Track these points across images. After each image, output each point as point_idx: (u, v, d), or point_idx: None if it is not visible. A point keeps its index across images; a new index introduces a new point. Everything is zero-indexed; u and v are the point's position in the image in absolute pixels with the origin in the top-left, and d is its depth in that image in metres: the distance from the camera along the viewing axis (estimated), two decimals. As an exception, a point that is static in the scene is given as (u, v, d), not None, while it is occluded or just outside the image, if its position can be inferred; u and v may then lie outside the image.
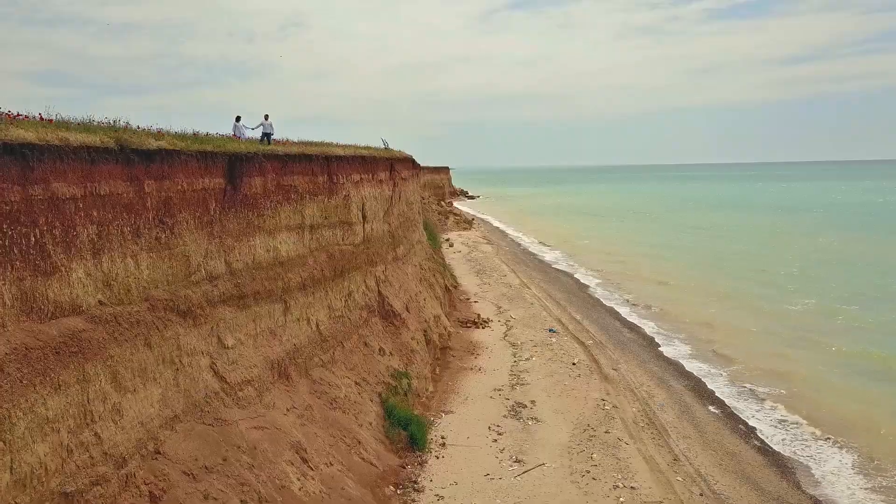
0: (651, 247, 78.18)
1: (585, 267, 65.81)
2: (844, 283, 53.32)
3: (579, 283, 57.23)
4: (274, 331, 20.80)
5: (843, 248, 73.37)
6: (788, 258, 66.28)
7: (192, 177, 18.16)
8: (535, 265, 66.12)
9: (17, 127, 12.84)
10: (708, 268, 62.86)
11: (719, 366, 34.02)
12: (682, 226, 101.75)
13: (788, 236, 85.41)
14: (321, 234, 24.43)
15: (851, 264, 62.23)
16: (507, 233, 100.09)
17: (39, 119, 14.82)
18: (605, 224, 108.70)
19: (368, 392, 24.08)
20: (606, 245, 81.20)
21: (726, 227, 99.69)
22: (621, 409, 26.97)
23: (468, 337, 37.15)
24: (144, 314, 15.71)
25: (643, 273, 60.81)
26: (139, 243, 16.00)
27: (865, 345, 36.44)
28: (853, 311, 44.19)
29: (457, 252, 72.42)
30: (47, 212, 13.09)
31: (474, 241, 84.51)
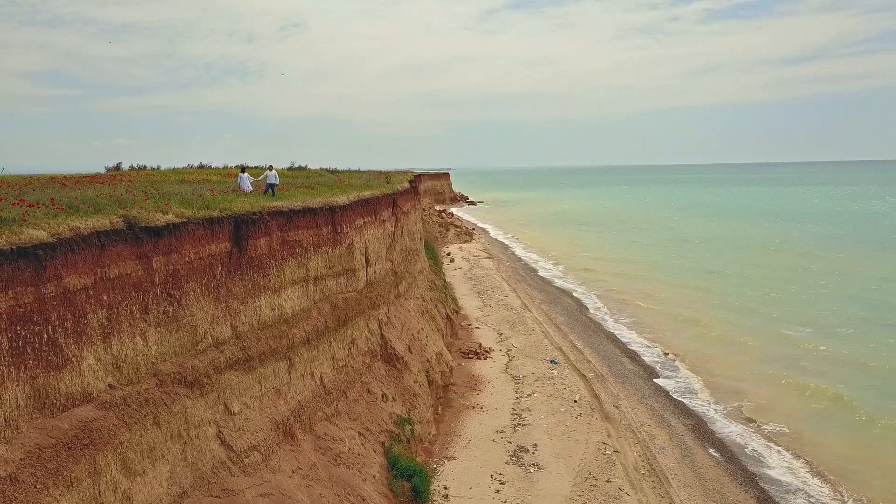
0: (646, 264, 78.37)
1: (585, 285, 66.08)
2: (845, 308, 53.50)
3: (580, 303, 57.45)
4: (279, 389, 21.02)
5: (836, 266, 73.54)
6: (785, 280, 66.45)
7: (198, 245, 18.36)
8: (536, 283, 66.30)
9: (30, 227, 13.04)
10: (704, 288, 62.97)
11: (720, 399, 34.27)
12: (679, 239, 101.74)
13: (790, 253, 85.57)
14: (325, 285, 24.64)
15: (850, 286, 62.41)
16: (508, 245, 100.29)
17: (51, 204, 15.06)
18: (604, 237, 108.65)
19: (372, 442, 24.30)
20: (604, 261, 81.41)
21: (724, 239, 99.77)
22: (623, 453, 27.18)
23: (470, 370, 37.35)
24: (153, 391, 15.93)
25: (641, 292, 61.04)
26: (147, 320, 16.22)
27: (871, 379, 36.57)
28: (854, 339, 44.25)
29: (458, 269, 72.64)
30: (59, 306, 13.30)
31: (475, 254, 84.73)
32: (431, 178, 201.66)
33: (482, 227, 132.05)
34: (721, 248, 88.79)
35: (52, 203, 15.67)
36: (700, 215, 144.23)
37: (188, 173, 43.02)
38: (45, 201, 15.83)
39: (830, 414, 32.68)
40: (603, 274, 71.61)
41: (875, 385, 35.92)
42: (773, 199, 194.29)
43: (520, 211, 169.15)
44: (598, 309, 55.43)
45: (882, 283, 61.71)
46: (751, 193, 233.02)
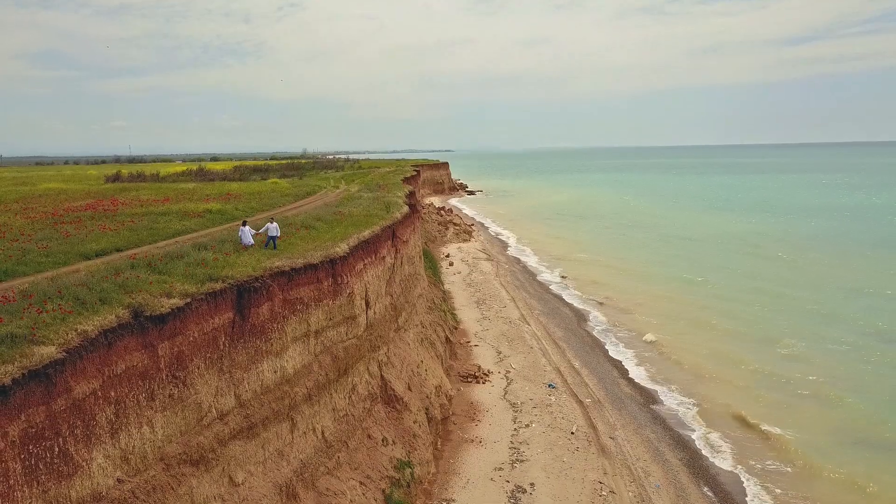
0: (642, 268, 78.76)
1: (582, 291, 66.56)
2: (845, 318, 53.99)
3: (577, 314, 57.92)
4: (281, 451, 21.48)
5: (828, 270, 73.98)
6: (778, 291, 66.88)
7: (202, 321, 18.70)
8: (534, 290, 66.71)
9: (39, 342, 13.36)
10: (699, 296, 63.43)
11: (718, 429, 34.77)
12: (674, 237, 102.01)
13: (783, 257, 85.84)
14: (325, 336, 25.01)
15: (841, 293, 62.90)
16: (507, 244, 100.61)
17: (59, 304, 15.33)
18: (600, 233, 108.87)
19: (373, 490, 24.83)
20: (601, 262, 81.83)
21: (720, 237, 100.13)
22: (618, 494, 27.75)
23: (469, 396, 37.87)
24: (160, 477, 16.37)
25: (636, 301, 61.55)
26: (153, 406, 16.62)
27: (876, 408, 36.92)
28: (860, 365, 44.55)
29: (456, 273, 73.04)
30: (69, 417, 13.68)
31: (474, 256, 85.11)
32: (431, 168, 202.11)
33: (481, 221, 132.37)
34: (719, 249, 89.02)
35: (58, 294, 15.93)
36: (697, 209, 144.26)
37: (188, 194, 43.22)
38: (52, 292, 16.05)
39: (824, 440, 33.28)
40: (600, 279, 72.01)
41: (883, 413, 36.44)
42: (770, 191, 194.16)
43: (518, 203, 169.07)
44: (596, 320, 55.89)
45: (872, 296, 62.13)
46: (750, 184, 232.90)
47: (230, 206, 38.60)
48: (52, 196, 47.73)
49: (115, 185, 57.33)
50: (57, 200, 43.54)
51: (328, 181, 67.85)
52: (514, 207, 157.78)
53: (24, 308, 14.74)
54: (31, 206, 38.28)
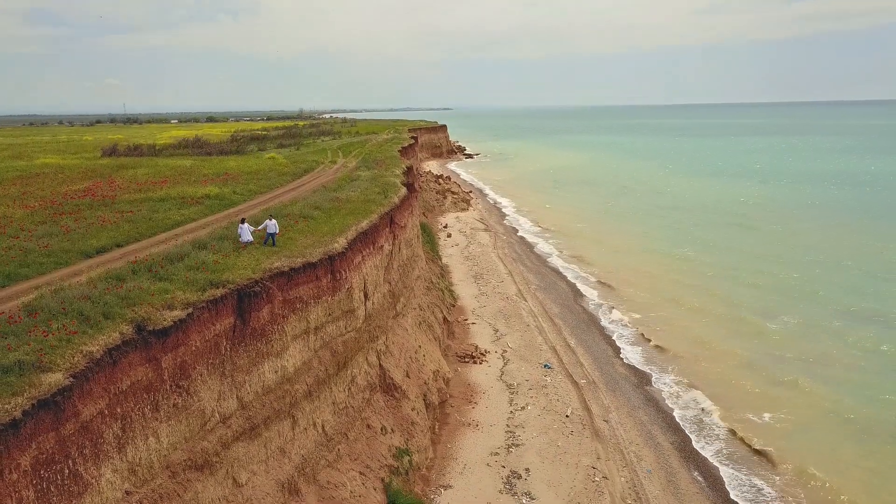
0: (640, 240, 79.15)
1: (579, 264, 67.08)
2: (835, 298, 54.58)
3: (574, 289, 58.48)
4: (283, 448, 22.10)
5: (825, 242, 74.38)
6: (779, 263, 67.36)
7: (204, 328, 19.08)
8: (531, 264, 67.16)
9: (46, 369, 13.73)
10: (693, 271, 63.91)
11: (709, 411, 35.56)
12: (673, 207, 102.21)
13: (786, 229, 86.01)
14: (324, 331, 25.44)
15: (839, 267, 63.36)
16: (505, 212, 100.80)
17: (64, 323, 15.65)
18: (597, 202, 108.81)
19: (372, 479, 25.58)
20: (598, 234, 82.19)
21: (715, 206, 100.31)
22: (611, 479, 28.59)
23: (466, 377, 38.58)
24: (166, 484, 16.95)
25: (633, 276, 62.10)
26: (158, 416, 17.12)
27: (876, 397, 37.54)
28: (852, 344, 45.24)
29: (455, 245, 73.40)
30: (78, 439, 14.14)
31: (472, 227, 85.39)
32: (428, 131, 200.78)
33: (479, 187, 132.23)
34: (714, 221, 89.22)
35: (63, 311, 16.26)
36: (693, 174, 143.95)
37: (186, 174, 43.09)
38: (56, 308, 16.35)
39: (811, 421, 34.11)
40: (596, 252, 72.45)
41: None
42: (766, 155, 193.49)
43: (517, 168, 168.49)
44: (591, 295, 56.48)
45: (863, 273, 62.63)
46: (747, 147, 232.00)
47: (228, 190, 38.65)
48: (49, 175, 47.70)
49: (111, 161, 57.17)
50: (55, 181, 43.54)
51: (325, 154, 67.60)
52: (512, 173, 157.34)
53: (30, 329, 15.07)
54: (29, 191, 38.31)
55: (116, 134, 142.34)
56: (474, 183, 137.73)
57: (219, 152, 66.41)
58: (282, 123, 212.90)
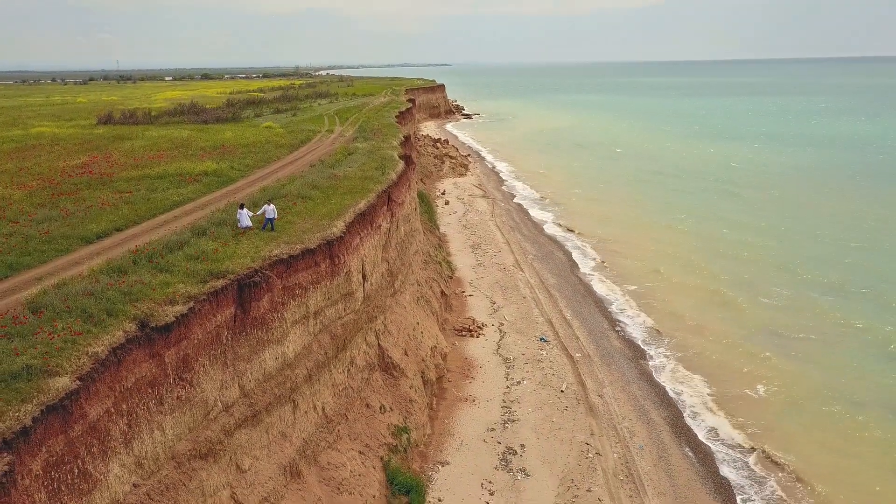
0: (636, 205, 79.28)
1: (576, 232, 67.38)
2: (824, 264, 55.03)
3: (570, 258, 58.89)
4: (285, 433, 22.68)
5: (822, 209, 74.58)
6: (780, 230, 67.63)
7: (206, 320, 19.44)
8: (528, 232, 67.43)
9: (53, 373, 14.09)
10: (688, 239, 64.23)
11: (700, 386, 36.28)
12: (671, 172, 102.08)
13: (788, 197, 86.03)
14: (324, 315, 25.83)
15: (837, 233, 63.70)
16: (502, 177, 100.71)
17: (68, 322, 15.96)
18: (594, 167, 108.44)
19: (371, 458, 26.29)
20: (595, 201, 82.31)
21: (711, 170, 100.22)
22: (604, 455, 29.37)
23: (463, 351, 39.20)
24: (172, 475, 17.52)
25: (630, 245, 62.52)
26: (163, 410, 17.59)
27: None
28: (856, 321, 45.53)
29: (452, 213, 73.54)
30: (86, 438, 14.60)
31: (470, 193, 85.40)
32: (426, 91, 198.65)
33: (477, 150, 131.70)
34: (711, 187, 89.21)
35: (67, 309, 16.57)
36: (690, 136, 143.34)
37: (183, 146, 42.91)
38: (60, 306, 16.65)
39: (800, 396, 34.85)
40: (593, 220, 72.70)
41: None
42: (763, 117, 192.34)
43: (515, 130, 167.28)
44: (588, 265, 56.90)
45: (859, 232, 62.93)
46: (747, 108, 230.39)
47: (225, 166, 38.66)
48: (45, 146, 47.55)
49: (107, 130, 56.85)
50: (52, 154, 43.44)
51: (321, 122, 67.22)
52: (510, 135, 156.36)
53: (36, 331, 15.40)
54: (26, 167, 38.27)
55: (111, 95, 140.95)
56: (472, 146, 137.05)
57: (215, 119, 65.97)
58: (278, 83, 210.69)
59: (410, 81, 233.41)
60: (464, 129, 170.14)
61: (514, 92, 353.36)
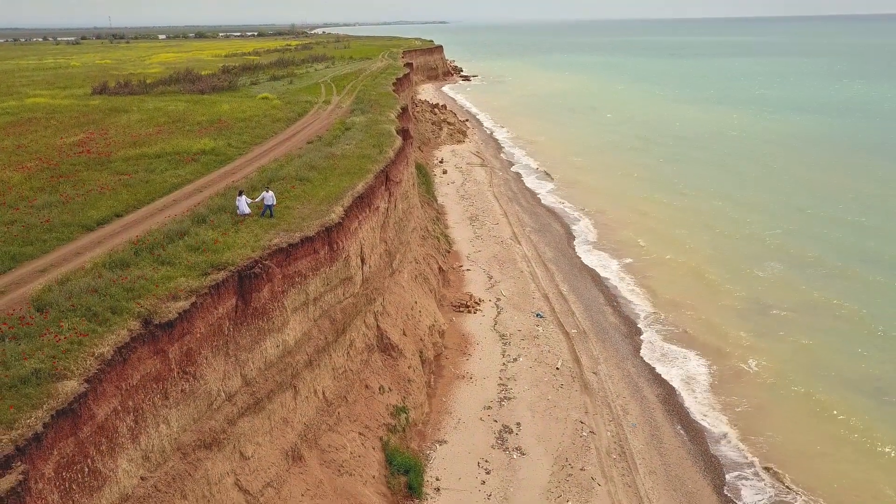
0: (634, 174, 79.25)
1: (573, 203, 67.60)
2: (824, 242, 55.40)
3: (567, 231, 59.21)
4: (286, 419, 23.24)
5: (820, 178, 74.66)
6: (779, 203, 67.79)
7: (208, 313, 19.80)
8: (526, 203, 67.58)
9: (62, 376, 14.47)
10: (685, 210, 64.47)
11: (694, 363, 36.93)
12: (670, 138, 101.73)
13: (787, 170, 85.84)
14: (323, 301, 26.21)
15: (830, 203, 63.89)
16: (501, 144, 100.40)
17: (74, 322, 16.28)
18: (592, 133, 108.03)
19: (371, 439, 26.96)
20: (593, 170, 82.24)
21: (708, 136, 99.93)
22: (598, 434, 30.11)
23: (460, 327, 39.76)
24: (178, 465, 18.08)
25: (626, 216, 62.81)
26: (168, 403, 18.07)
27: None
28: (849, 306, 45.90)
29: (450, 183, 73.53)
30: (95, 438, 15.07)
31: (468, 161, 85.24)
32: (424, 53, 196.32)
33: (475, 113, 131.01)
34: (709, 154, 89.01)
35: (72, 308, 16.90)
36: (692, 101, 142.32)
37: (179, 120, 42.73)
38: (65, 305, 16.96)
39: (793, 372, 35.55)
40: (591, 189, 72.84)
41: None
42: (770, 80, 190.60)
43: (513, 92, 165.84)
44: (585, 238, 57.20)
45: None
46: (749, 70, 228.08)
47: (223, 143, 38.65)
48: (42, 120, 47.35)
49: (103, 101, 56.43)
50: (48, 129, 43.31)
51: (318, 91, 66.76)
52: (508, 98, 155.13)
53: (43, 332, 15.74)
54: (23, 144, 38.21)
55: (104, 58, 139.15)
56: (470, 110, 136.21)
57: (211, 89, 65.43)
58: (273, 44, 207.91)
59: (408, 42, 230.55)
60: (462, 91, 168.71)
61: (511, 52, 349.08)
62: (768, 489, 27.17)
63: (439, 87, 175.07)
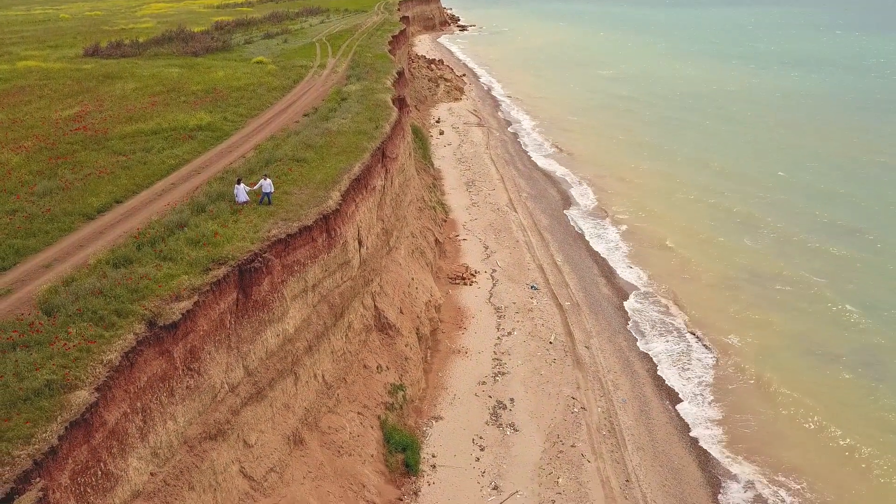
0: (632, 135, 79.06)
1: (570, 167, 67.77)
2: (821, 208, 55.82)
3: (564, 196, 59.57)
4: (287, 404, 24.06)
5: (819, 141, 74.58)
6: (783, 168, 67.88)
7: (210, 310, 20.38)
8: (523, 167, 67.68)
9: (73, 387, 15.09)
10: (682, 175, 64.61)
11: (684, 335, 37.84)
12: (671, 95, 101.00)
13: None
14: (322, 286, 26.76)
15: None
16: (498, 100, 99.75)
17: (81, 328, 16.82)
18: (591, 89, 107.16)
19: (369, 418, 27.91)
20: (590, 130, 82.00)
21: (709, 94, 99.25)
22: (589, 410, 31.15)
23: (456, 300, 40.50)
24: (185, 458, 18.92)
25: (623, 180, 63.15)
26: (174, 400, 18.81)
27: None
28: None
29: (447, 145, 73.38)
30: (107, 441, 15.81)
31: (465, 121, 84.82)
32: (420, 2, 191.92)
33: (472, 67, 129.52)
34: (708, 114, 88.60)
35: (78, 313, 17.43)
36: (691, 55, 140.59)
37: (174, 89, 42.38)
38: (72, 309, 17.49)
39: (781, 345, 36.56)
40: (587, 151, 72.86)
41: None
42: (775, 31, 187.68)
43: (511, 44, 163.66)
44: (581, 204, 57.60)
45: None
46: (754, 21, 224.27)
47: (219, 117, 38.58)
48: (35, 88, 46.97)
49: (96, 66, 55.73)
50: (42, 100, 43.06)
51: (313, 52, 65.95)
52: (506, 49, 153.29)
53: (52, 340, 16.29)
54: (18, 118, 38.10)
55: (94, 8, 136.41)
56: (467, 63, 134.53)
57: (204, 50, 64.56)
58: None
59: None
60: (458, 43, 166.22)
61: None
62: (747, 468, 28.30)
63: (436, 38, 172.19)
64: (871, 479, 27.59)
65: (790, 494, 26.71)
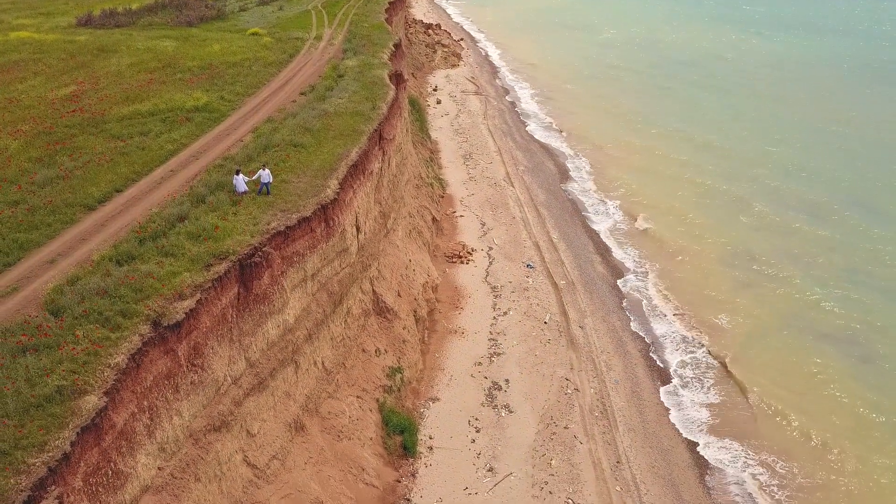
0: (634, 106, 78.75)
1: (568, 138, 67.72)
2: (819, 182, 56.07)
3: (561, 170, 59.72)
4: (288, 392, 24.72)
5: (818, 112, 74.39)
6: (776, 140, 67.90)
7: (212, 306, 20.86)
8: (521, 138, 67.55)
9: (84, 391, 15.63)
10: (678, 149, 64.64)
11: (677, 315, 38.55)
12: (672, 63, 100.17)
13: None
14: (321, 275, 27.20)
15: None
16: (496, 67, 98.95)
17: (88, 330, 17.30)
18: (591, 56, 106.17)
19: (368, 401, 28.67)
20: (588, 99, 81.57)
21: (717, 64, 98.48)
22: (582, 391, 31.96)
23: (453, 279, 41.02)
24: (190, 451, 19.62)
25: (619, 153, 63.21)
26: (179, 396, 19.41)
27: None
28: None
29: (444, 115, 73.04)
30: (118, 442, 16.43)
31: (463, 88, 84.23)
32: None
33: (470, 31, 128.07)
34: (713, 82, 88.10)
35: (84, 314, 17.89)
36: (692, 20, 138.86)
37: (170, 65, 42.18)
38: (77, 310, 17.95)
39: (771, 326, 37.33)
40: (585, 122, 72.67)
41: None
42: None
43: (512, 5, 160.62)
44: (578, 178, 57.81)
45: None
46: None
47: (215, 96, 38.47)
48: (29, 63, 46.57)
49: (89, 37, 55.10)
50: (38, 78, 42.77)
51: (309, 21, 65.13)
52: (505, 12, 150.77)
53: (60, 344, 16.76)
54: (14, 98, 37.97)
55: None
56: (465, 26, 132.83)
57: (199, 19, 63.77)
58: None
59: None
60: (456, 5, 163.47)
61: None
62: (734, 450, 29.22)
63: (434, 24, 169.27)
64: (857, 459, 28.53)
65: (776, 476, 27.66)
